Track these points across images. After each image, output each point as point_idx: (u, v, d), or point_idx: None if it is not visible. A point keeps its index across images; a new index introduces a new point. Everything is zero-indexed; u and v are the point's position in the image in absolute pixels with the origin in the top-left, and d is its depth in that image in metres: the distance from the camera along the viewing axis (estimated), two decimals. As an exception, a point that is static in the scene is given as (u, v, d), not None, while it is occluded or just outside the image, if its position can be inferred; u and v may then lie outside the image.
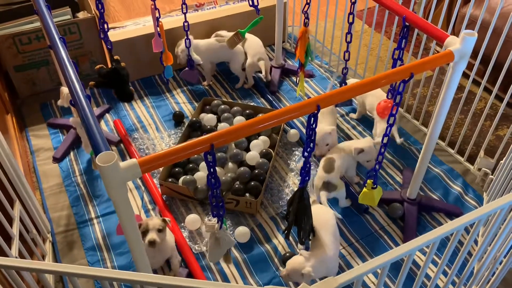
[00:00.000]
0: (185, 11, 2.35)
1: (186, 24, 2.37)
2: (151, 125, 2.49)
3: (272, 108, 2.52)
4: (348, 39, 2.09)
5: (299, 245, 1.89)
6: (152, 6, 2.22)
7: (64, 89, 2.01)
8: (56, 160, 2.29)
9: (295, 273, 1.60)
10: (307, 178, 1.50)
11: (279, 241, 1.92)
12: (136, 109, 2.59)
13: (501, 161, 1.96)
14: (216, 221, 1.47)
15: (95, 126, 1.20)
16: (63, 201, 2.09)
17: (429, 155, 1.84)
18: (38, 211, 1.85)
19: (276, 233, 1.96)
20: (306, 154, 1.43)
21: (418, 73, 1.46)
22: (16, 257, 1.44)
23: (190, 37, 2.46)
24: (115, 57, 2.23)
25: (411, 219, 1.96)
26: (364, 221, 2.00)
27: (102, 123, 2.50)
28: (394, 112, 1.56)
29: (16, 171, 1.68)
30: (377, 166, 1.73)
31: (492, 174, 2.10)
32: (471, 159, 2.23)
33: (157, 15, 2.24)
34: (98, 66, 2.25)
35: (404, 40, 1.76)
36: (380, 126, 2.18)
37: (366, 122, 2.50)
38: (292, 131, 2.38)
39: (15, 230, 1.51)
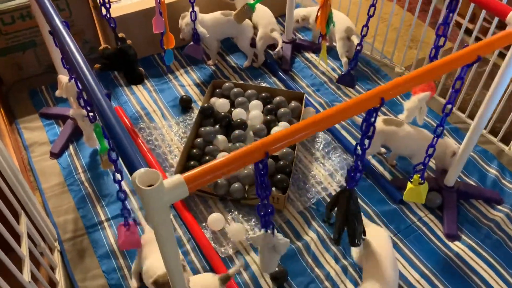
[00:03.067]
0: (191, -17, 2.09)
1: (191, -5, 2.11)
2: (156, 112, 2.26)
3: (288, 90, 2.31)
4: (371, 12, 1.88)
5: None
6: (154, -21, 1.96)
7: (63, 78, 1.77)
8: (54, 155, 2.05)
9: None
10: (357, 178, 1.33)
11: (311, 237, 1.77)
12: (138, 94, 2.35)
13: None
14: (265, 230, 1.29)
15: (125, 137, 0.99)
16: (67, 203, 1.88)
17: (474, 143, 1.69)
18: (42, 218, 1.63)
19: (307, 229, 1.80)
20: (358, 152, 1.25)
21: (486, 54, 1.28)
22: (29, 282, 1.24)
23: (196, 9, 2.21)
24: (120, 34, 1.98)
25: (451, 208, 1.83)
26: (399, 212, 1.86)
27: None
28: (451, 99, 1.38)
29: (16, 175, 1.46)
30: (426, 160, 1.56)
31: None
32: (505, 140, 2.09)
33: (160, -11, 1.98)
34: (102, 47, 2.00)
35: (451, 14, 1.57)
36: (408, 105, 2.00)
37: (388, 102, 2.33)
38: (309, 109, 2.19)
39: (24, 250, 1.31)
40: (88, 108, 1.53)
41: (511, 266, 1.69)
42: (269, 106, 2.14)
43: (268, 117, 2.08)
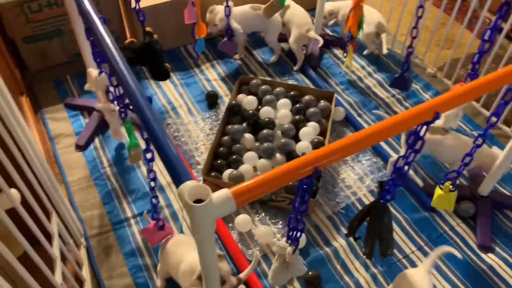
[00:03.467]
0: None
1: (225, -10, 2.06)
2: (182, 107, 2.23)
3: (317, 88, 2.25)
4: (420, 13, 1.81)
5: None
6: (187, -29, 1.90)
7: (92, 71, 1.73)
8: (80, 148, 2.03)
9: None
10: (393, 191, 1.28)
11: (340, 243, 1.74)
12: (164, 87, 2.31)
13: None
14: (290, 243, 1.25)
15: (170, 148, 0.95)
16: (93, 198, 1.86)
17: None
18: (70, 214, 1.62)
19: (335, 234, 1.76)
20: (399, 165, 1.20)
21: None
22: (61, 284, 1.23)
23: (230, 3, 2.15)
24: (147, 28, 1.94)
25: (485, 218, 1.77)
26: (431, 220, 1.81)
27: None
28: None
29: (47, 171, 1.43)
30: (461, 168, 1.51)
31: None
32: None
33: (192, -19, 1.92)
34: (128, 41, 1.95)
35: (500, 20, 1.50)
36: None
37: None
38: (339, 109, 2.14)
39: (56, 250, 1.29)
40: (121, 105, 1.50)
41: (546, 281, 1.64)
42: (297, 105, 2.08)
43: (297, 117, 2.03)
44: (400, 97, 2.30)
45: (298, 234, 1.19)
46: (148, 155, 1.25)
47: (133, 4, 1.88)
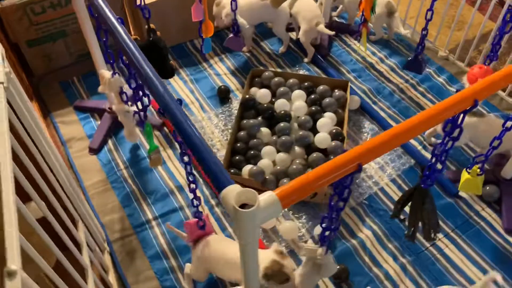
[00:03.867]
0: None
1: (232, -17, 2.01)
2: (194, 103, 2.19)
3: (331, 78, 2.21)
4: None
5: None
6: (194, -35, 1.85)
7: (105, 73, 1.69)
8: (94, 151, 2.00)
9: None
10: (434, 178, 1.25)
11: (366, 234, 1.72)
12: (173, 84, 2.27)
13: None
14: (320, 245, 1.23)
15: (207, 152, 0.92)
16: (111, 201, 1.83)
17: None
18: (93, 220, 1.59)
19: (361, 226, 1.74)
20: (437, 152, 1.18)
21: None
22: (94, 293, 1.20)
23: (236, -3, 2.10)
24: (151, 25, 1.89)
25: (510, 202, 1.76)
26: (456, 206, 1.80)
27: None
28: None
29: (69, 178, 1.40)
30: (490, 152, 1.48)
31: None
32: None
33: (199, -25, 1.87)
34: (132, 38, 1.90)
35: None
36: None
37: (435, 88, 2.24)
38: (354, 97, 2.11)
39: (86, 258, 1.26)
40: (140, 109, 1.47)
41: None
42: (312, 96, 2.05)
43: (313, 108, 1.99)
44: (413, 82, 2.27)
45: (332, 234, 1.16)
46: (186, 158, 1.21)
47: (138, 1, 1.84)
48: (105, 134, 2.03)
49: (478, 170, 1.55)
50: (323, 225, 1.11)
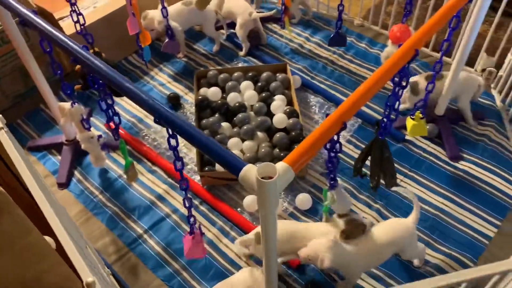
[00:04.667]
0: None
1: (161, -7, 2.08)
2: (148, 117, 2.24)
3: (270, 64, 2.37)
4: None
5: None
6: (122, -17, 1.90)
7: (65, 105, 1.71)
8: (63, 185, 1.99)
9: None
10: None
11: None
12: (122, 103, 2.30)
13: (510, 57, 2.09)
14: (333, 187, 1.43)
15: (212, 143, 1.03)
16: (97, 228, 1.85)
17: (458, 74, 1.89)
18: (91, 249, 1.61)
19: (334, 187, 1.93)
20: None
21: None
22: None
23: (165, 4, 2.18)
24: (95, 49, 1.93)
25: (448, 134, 2.04)
26: (406, 149, 2.05)
27: (93, 130, 2.19)
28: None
29: (66, 213, 1.42)
30: (427, 96, 1.73)
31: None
32: (468, 63, 2.33)
33: (128, -9, 1.93)
34: (79, 66, 1.92)
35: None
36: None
37: (359, 53, 2.48)
38: (295, 77, 2.29)
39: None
40: (114, 125, 1.52)
41: (509, 168, 1.95)
42: (259, 84, 2.20)
43: (263, 94, 2.14)
44: (340, 52, 2.51)
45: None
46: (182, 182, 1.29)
47: (77, 28, 1.87)
48: (69, 167, 2.02)
49: (421, 114, 1.80)
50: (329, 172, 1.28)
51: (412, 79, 2.04)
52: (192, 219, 1.45)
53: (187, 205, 1.39)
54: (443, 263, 1.67)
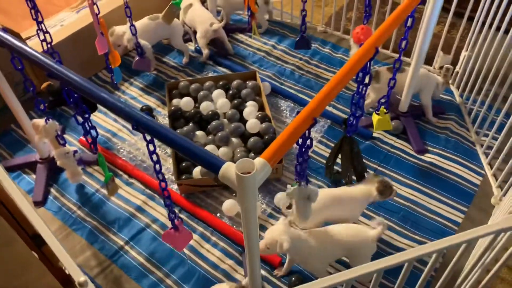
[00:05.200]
0: (123, -4, 2.09)
1: (128, 9, 2.12)
2: (121, 130, 2.26)
3: (240, 72, 2.43)
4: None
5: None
6: (90, 2, 1.93)
7: (39, 122, 1.71)
8: (39, 204, 1.97)
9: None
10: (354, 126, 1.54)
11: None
12: (94, 119, 2.31)
13: (464, 53, 2.22)
14: (299, 182, 1.45)
15: (192, 145, 1.07)
16: (78, 243, 1.85)
17: (418, 71, 2.01)
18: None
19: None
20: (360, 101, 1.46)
21: None
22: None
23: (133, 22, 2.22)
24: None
25: (413, 129, 2.15)
26: (374, 146, 2.14)
27: (67, 146, 2.19)
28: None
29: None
30: (389, 92, 1.83)
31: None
32: (427, 62, 2.46)
33: (96, 10, 1.96)
34: (44, 85, 1.95)
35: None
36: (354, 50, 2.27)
37: (324, 58, 2.59)
38: (265, 84, 2.36)
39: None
40: (92, 138, 1.54)
41: (470, 157, 2.07)
42: (230, 92, 2.26)
43: (235, 101, 2.20)
44: (306, 58, 2.60)
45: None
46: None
47: (44, 47, 1.87)
48: (45, 185, 2.01)
49: (385, 110, 1.90)
50: (298, 167, 1.32)
51: (374, 67, 2.13)
52: (172, 215, 1.47)
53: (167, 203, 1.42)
54: (417, 250, 1.76)
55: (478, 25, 2.12)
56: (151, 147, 1.24)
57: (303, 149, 1.27)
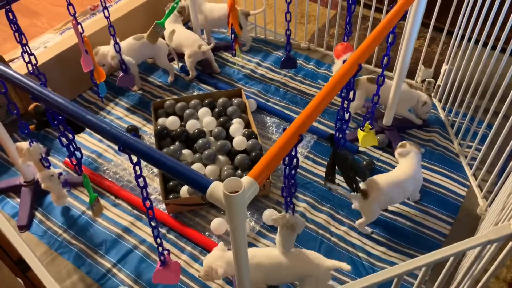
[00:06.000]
0: (107, 15, 2.10)
1: (112, 28, 2.12)
2: (107, 151, 2.24)
3: (225, 90, 2.45)
4: None
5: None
6: (74, 22, 1.94)
7: (23, 145, 1.69)
8: (24, 228, 1.94)
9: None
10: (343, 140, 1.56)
11: (303, 207, 1.97)
12: (80, 140, 2.29)
13: (445, 67, 2.27)
14: (286, 211, 1.45)
15: (184, 168, 1.07)
16: (64, 267, 1.81)
17: (400, 86, 2.04)
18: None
19: (295, 201, 1.99)
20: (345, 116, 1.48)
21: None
22: None
23: (117, 40, 2.22)
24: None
25: (398, 142, 2.15)
26: (360, 160, 2.16)
27: (52, 169, 2.16)
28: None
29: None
30: (373, 107, 1.85)
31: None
32: (409, 76, 2.50)
33: (80, 30, 1.96)
34: (32, 106, 1.92)
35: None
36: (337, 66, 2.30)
37: (309, 74, 2.61)
38: (250, 101, 2.37)
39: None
40: (76, 160, 1.52)
41: (455, 169, 2.10)
42: (216, 110, 2.26)
43: (221, 119, 2.21)
44: (291, 75, 2.63)
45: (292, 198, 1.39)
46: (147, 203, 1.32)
47: (30, 68, 1.87)
48: (30, 208, 1.98)
49: (370, 126, 1.92)
50: (284, 194, 1.32)
51: None
52: (160, 248, 1.46)
53: (155, 234, 1.41)
54: (406, 263, 1.76)
55: (457, 39, 2.18)
56: (138, 170, 1.22)
57: (291, 169, 1.27)
